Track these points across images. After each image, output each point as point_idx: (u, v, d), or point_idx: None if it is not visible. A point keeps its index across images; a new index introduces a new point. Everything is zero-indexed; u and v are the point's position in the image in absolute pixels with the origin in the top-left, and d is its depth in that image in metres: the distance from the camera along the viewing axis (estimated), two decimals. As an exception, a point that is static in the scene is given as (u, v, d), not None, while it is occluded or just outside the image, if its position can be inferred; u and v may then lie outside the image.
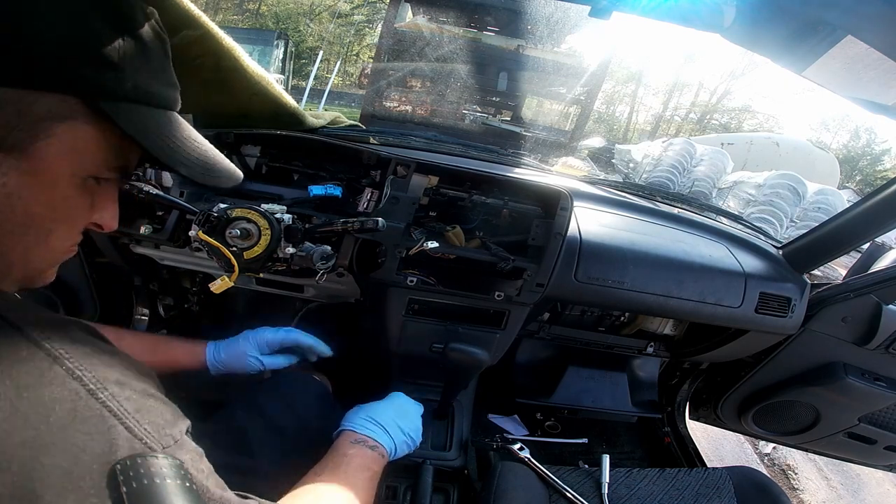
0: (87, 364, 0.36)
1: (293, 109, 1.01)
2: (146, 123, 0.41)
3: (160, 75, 0.44)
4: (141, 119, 0.41)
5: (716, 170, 6.87)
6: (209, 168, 0.47)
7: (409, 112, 6.74)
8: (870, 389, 1.15)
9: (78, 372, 0.35)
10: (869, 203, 1.00)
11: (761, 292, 1.07)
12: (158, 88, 0.43)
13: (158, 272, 1.15)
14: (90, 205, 0.43)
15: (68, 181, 0.40)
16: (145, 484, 0.31)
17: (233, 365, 0.82)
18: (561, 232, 0.95)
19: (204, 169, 0.46)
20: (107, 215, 0.46)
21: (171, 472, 0.33)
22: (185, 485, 0.34)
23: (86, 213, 0.43)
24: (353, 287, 1.01)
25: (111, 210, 0.46)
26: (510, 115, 7.48)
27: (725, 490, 0.97)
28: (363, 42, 18.30)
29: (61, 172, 0.39)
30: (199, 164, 0.46)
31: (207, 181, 0.46)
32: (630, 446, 1.47)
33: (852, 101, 0.73)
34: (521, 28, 6.16)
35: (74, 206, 0.42)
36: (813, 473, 2.24)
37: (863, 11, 0.54)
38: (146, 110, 0.42)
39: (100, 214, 0.45)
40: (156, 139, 0.42)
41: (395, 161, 0.96)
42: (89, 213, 0.44)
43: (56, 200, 0.40)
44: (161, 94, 0.43)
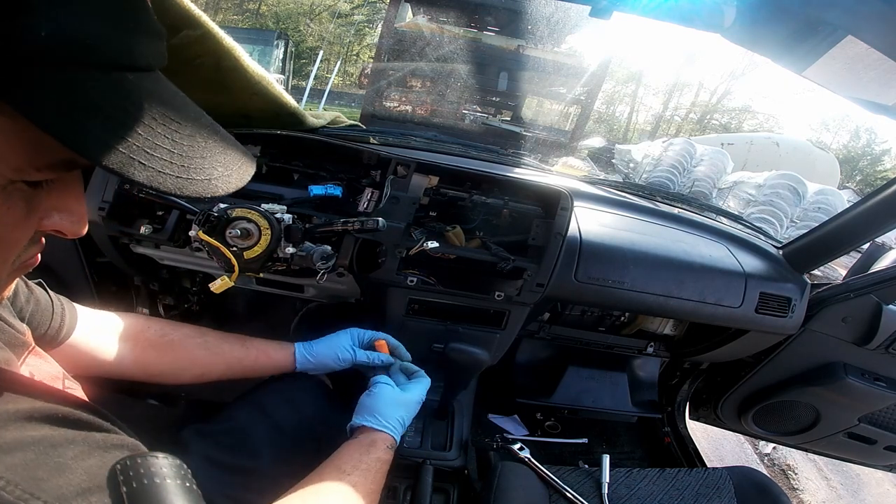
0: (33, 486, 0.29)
1: (293, 109, 1.01)
2: (74, 100, 0.25)
3: (109, 10, 0.26)
4: (61, 93, 0.24)
5: (716, 170, 6.87)
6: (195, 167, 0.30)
7: (410, 112, 6.75)
8: (870, 389, 1.15)
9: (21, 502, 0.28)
10: (869, 203, 1.00)
11: (761, 292, 1.07)
12: (103, 35, 0.25)
13: (158, 272, 1.15)
14: (24, 215, 0.31)
15: None
16: (145, 484, 0.31)
17: (326, 357, 0.83)
18: (561, 232, 0.95)
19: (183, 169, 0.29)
20: (66, 220, 0.34)
21: (171, 471, 0.33)
22: (186, 485, 0.33)
23: (21, 227, 0.31)
24: (353, 287, 1.01)
25: (73, 212, 0.34)
26: (510, 115, 7.49)
27: (725, 490, 0.97)
28: (363, 42, 18.30)
29: None
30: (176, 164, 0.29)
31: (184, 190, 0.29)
32: (630, 446, 1.47)
33: (852, 101, 0.73)
34: (521, 28, 6.16)
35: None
36: (813, 473, 2.24)
37: (863, 11, 0.54)
38: (78, 76, 0.25)
39: (54, 220, 0.33)
40: (89, 126, 0.25)
41: (396, 161, 0.96)
42: (27, 224, 0.32)
43: None
44: (110, 46, 0.26)
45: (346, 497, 0.59)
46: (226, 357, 0.76)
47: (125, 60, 0.27)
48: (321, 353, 0.82)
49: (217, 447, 0.66)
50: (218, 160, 0.32)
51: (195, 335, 0.75)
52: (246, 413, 0.73)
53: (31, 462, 0.30)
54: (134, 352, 0.70)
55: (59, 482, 0.30)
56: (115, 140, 0.26)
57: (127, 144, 0.26)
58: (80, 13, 0.24)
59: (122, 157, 0.26)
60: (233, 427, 0.71)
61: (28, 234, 0.32)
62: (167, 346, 0.73)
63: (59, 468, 0.31)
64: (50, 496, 0.29)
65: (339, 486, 0.60)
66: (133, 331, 0.72)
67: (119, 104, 0.27)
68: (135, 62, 0.28)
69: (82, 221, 0.35)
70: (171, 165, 0.29)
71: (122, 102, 0.27)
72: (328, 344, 0.84)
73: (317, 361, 0.82)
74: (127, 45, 0.27)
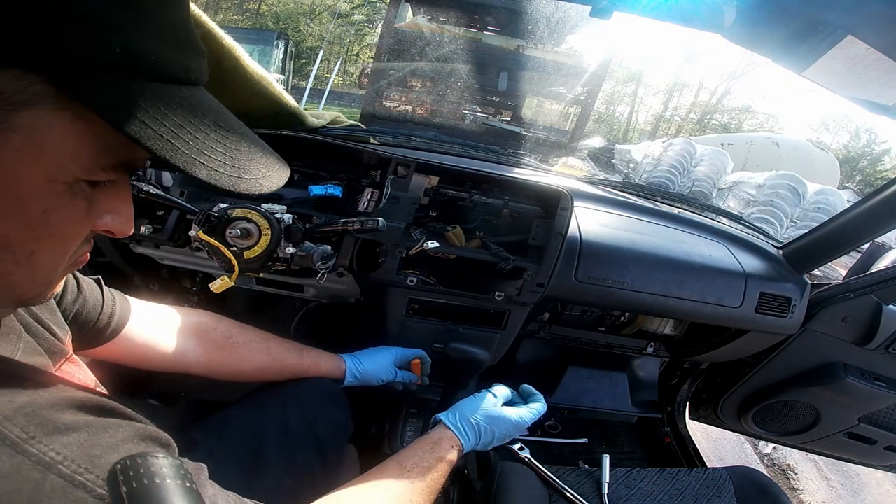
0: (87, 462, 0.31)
1: (293, 109, 1.01)
2: (143, 107, 0.28)
3: (167, 33, 0.30)
4: (133, 100, 0.28)
5: (716, 170, 6.87)
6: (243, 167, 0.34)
7: (410, 112, 6.75)
8: (870, 389, 1.15)
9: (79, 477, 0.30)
10: (869, 203, 1.00)
11: (761, 292, 1.07)
12: (164, 53, 0.29)
13: (158, 272, 1.15)
14: (85, 213, 0.33)
15: (45, 190, 0.29)
16: (145, 484, 0.31)
17: (371, 375, 0.89)
18: (561, 232, 0.95)
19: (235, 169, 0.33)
20: (117, 220, 0.36)
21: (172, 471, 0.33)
22: (186, 485, 0.33)
23: (81, 224, 0.34)
24: (353, 287, 1.01)
25: (123, 213, 0.36)
26: (510, 115, 7.48)
27: (725, 490, 0.97)
28: (363, 42, 18.31)
29: (31, 180, 0.29)
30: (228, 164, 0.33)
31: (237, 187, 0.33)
32: (630, 446, 1.47)
33: (852, 101, 0.73)
34: (521, 28, 6.16)
35: (62, 219, 0.32)
36: (813, 473, 2.24)
37: (863, 11, 0.54)
38: (143, 87, 0.29)
39: (106, 220, 0.35)
40: (159, 129, 0.29)
41: (396, 161, 0.96)
42: (87, 222, 0.34)
43: (32, 216, 0.30)
44: (168, 61, 0.30)
45: (400, 493, 0.60)
46: (283, 363, 0.80)
47: (181, 75, 0.32)
48: (368, 372, 0.88)
49: (221, 443, 0.66)
50: (261, 162, 0.36)
51: (260, 340, 0.79)
52: (251, 412, 0.73)
53: (86, 441, 0.32)
54: (198, 349, 0.73)
55: (110, 460, 0.31)
56: (180, 142, 0.30)
57: (189, 147, 0.30)
58: (146, 34, 0.28)
59: (187, 158, 0.30)
60: (237, 424, 0.71)
61: (85, 232, 0.35)
62: (232, 347, 0.76)
63: (112, 447, 0.33)
64: (103, 472, 0.31)
65: (395, 482, 0.62)
66: (199, 329, 0.75)
67: (180, 112, 0.31)
68: (189, 77, 0.32)
69: (130, 222, 0.37)
70: (224, 166, 0.32)
71: (182, 111, 0.31)
72: (374, 362, 0.89)
73: (362, 379, 0.88)
74: (182, 63, 0.32)
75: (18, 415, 0.30)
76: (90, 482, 0.30)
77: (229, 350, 0.76)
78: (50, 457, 0.29)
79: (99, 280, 0.63)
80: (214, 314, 0.80)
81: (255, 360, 0.77)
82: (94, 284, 0.62)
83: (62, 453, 0.30)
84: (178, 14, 0.31)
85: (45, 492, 0.28)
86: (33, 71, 0.25)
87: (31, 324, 0.44)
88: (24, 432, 0.29)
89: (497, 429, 0.76)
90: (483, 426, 0.75)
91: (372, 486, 0.60)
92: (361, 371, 0.88)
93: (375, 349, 0.93)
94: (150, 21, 0.28)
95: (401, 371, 0.93)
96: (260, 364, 0.78)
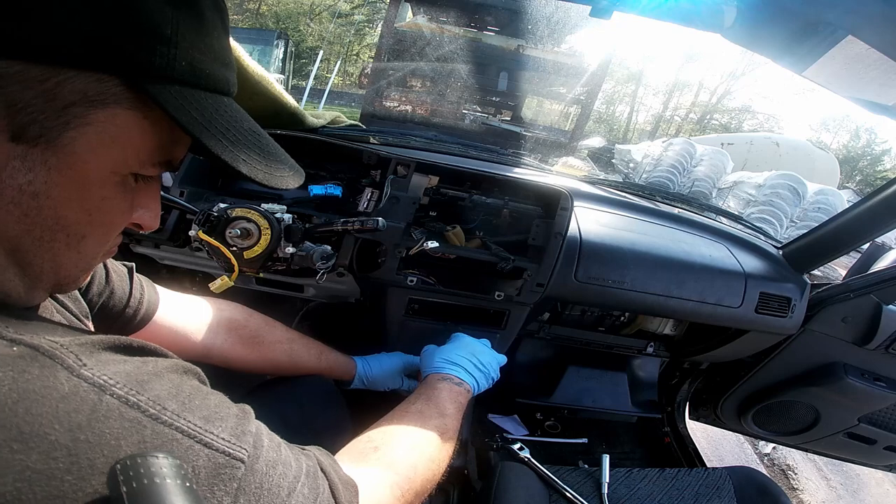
0: (137, 386, 0.32)
1: (293, 109, 1.01)
2: (202, 111, 0.34)
3: (217, 53, 0.36)
4: (195, 106, 0.34)
5: (716, 170, 6.87)
6: (273, 165, 0.40)
7: (409, 112, 6.74)
8: (870, 389, 1.15)
9: (132, 398, 0.31)
10: (869, 203, 1.00)
11: (761, 292, 1.07)
12: (215, 69, 0.36)
13: (158, 272, 1.14)
14: (130, 205, 0.37)
15: (106, 179, 0.34)
16: (145, 484, 0.31)
17: (379, 381, 0.91)
18: (561, 232, 0.95)
19: (267, 167, 0.39)
20: (148, 215, 0.40)
21: (171, 471, 0.33)
22: (186, 484, 0.33)
23: (125, 215, 0.38)
24: (353, 287, 1.01)
25: (154, 209, 0.41)
26: (510, 115, 7.48)
27: (725, 490, 0.97)
28: (363, 42, 18.30)
29: (97, 168, 0.33)
30: (262, 162, 0.39)
31: (271, 182, 0.39)
32: (630, 446, 1.47)
33: (853, 101, 0.73)
34: (521, 28, 6.16)
35: (113, 207, 0.36)
36: (813, 473, 2.24)
37: (864, 11, 0.54)
38: (200, 95, 0.35)
39: (140, 213, 0.39)
40: (213, 131, 0.35)
41: (396, 161, 0.96)
42: (129, 213, 0.38)
43: (91, 202, 0.34)
44: (217, 76, 0.36)
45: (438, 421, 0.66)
46: (300, 364, 0.82)
47: (225, 88, 0.38)
48: (376, 378, 0.91)
49: None
50: (284, 161, 0.43)
51: (284, 341, 0.82)
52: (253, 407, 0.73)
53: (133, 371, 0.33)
54: (225, 343, 0.76)
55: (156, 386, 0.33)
56: (228, 142, 0.36)
57: (234, 146, 0.37)
58: (206, 54, 0.35)
59: (233, 155, 0.36)
60: None
61: (125, 223, 0.39)
62: (257, 345, 0.79)
63: (156, 374, 0.35)
64: (152, 395, 0.32)
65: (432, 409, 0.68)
66: (230, 324, 0.77)
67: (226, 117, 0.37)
68: (229, 90, 0.39)
69: (157, 217, 0.42)
70: (259, 163, 0.38)
71: (227, 116, 0.37)
72: (383, 370, 0.92)
73: (369, 385, 0.91)
74: (226, 78, 0.38)
75: (73, 344, 0.31)
76: (143, 403, 0.31)
77: (253, 347, 0.78)
78: (104, 380, 0.30)
79: (132, 268, 0.64)
80: (246, 308, 0.82)
81: (275, 359, 0.80)
82: (124, 273, 0.62)
83: (114, 378, 0.31)
84: (224, 39, 0.38)
85: (102, 411, 0.29)
86: (118, 76, 0.31)
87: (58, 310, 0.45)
88: (78, 360, 0.30)
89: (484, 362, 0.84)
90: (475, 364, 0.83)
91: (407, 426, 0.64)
92: (370, 377, 0.90)
93: (386, 355, 0.95)
94: (208, 44, 0.35)
95: (408, 379, 0.94)
96: (279, 363, 0.80)
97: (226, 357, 0.76)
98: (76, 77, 0.29)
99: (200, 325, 0.73)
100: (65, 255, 0.35)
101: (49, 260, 0.34)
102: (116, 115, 0.31)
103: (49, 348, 0.30)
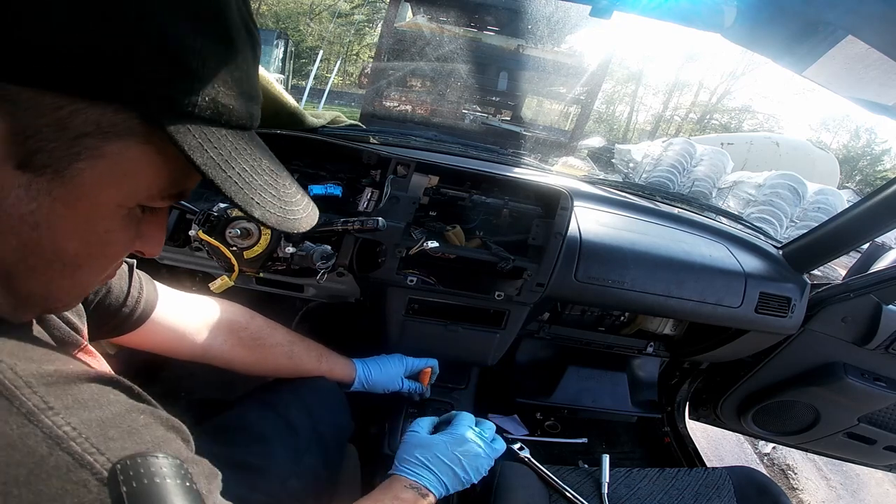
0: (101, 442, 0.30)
1: (293, 109, 1.01)
2: (220, 151, 0.32)
3: (244, 87, 0.34)
4: (214, 145, 0.32)
5: (716, 170, 6.87)
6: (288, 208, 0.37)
7: (409, 112, 6.74)
8: (870, 389, 1.15)
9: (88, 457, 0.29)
10: (869, 203, 1.00)
11: (761, 292, 1.07)
12: (239, 104, 0.33)
13: (158, 272, 1.14)
14: (134, 236, 0.36)
15: (113, 213, 0.32)
16: (145, 483, 0.31)
17: (378, 384, 0.91)
18: (561, 232, 0.95)
19: (282, 209, 0.36)
20: (151, 243, 0.38)
21: (172, 471, 0.33)
22: (186, 484, 0.33)
23: (129, 246, 0.36)
24: (353, 287, 1.01)
25: (158, 238, 0.39)
26: (510, 115, 7.48)
27: (725, 490, 0.97)
28: (363, 42, 18.30)
29: (104, 202, 0.31)
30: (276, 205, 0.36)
31: (282, 226, 0.36)
32: (630, 446, 1.47)
33: (853, 101, 0.73)
34: (521, 28, 6.15)
35: (116, 240, 0.34)
36: (812, 473, 2.24)
37: (864, 11, 0.54)
38: (221, 133, 0.32)
39: (142, 242, 0.38)
40: (230, 172, 0.33)
41: (396, 160, 0.96)
42: (132, 244, 0.36)
43: (94, 235, 0.32)
44: (240, 112, 0.34)
45: None
46: (300, 367, 0.82)
47: (247, 123, 0.35)
48: (375, 382, 0.90)
49: (226, 444, 0.66)
50: (299, 202, 0.40)
51: (285, 344, 0.81)
52: (258, 411, 0.73)
53: (106, 421, 0.32)
54: (225, 344, 0.75)
55: (126, 444, 0.32)
56: (243, 184, 0.34)
57: (249, 188, 0.34)
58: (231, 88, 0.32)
59: (246, 198, 0.34)
60: (244, 424, 0.71)
61: (126, 253, 0.37)
62: (257, 348, 0.78)
63: (130, 432, 0.33)
64: (114, 456, 0.30)
65: None
66: (231, 325, 0.76)
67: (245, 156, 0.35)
68: (252, 124, 0.36)
69: (160, 245, 0.40)
70: (273, 206, 0.36)
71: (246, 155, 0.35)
72: (383, 373, 0.91)
73: (370, 387, 0.90)
74: (250, 112, 0.35)
75: (40, 384, 0.29)
76: (99, 464, 0.29)
77: (254, 350, 0.77)
78: (64, 430, 0.28)
79: (132, 265, 0.63)
80: (249, 310, 0.81)
81: (276, 362, 0.79)
82: (123, 270, 0.61)
83: (78, 429, 0.29)
84: (254, 71, 0.35)
85: (47, 468, 0.27)
86: (133, 109, 0.29)
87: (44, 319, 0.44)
88: (42, 402, 0.28)
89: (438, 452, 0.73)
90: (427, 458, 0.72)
91: None
92: (370, 381, 0.90)
93: (387, 357, 0.94)
94: (236, 78, 0.32)
95: (408, 381, 0.94)
96: (279, 366, 0.80)
97: (226, 358, 0.75)
98: (91, 108, 0.27)
99: (200, 326, 0.72)
100: (58, 283, 0.34)
101: (41, 287, 0.33)
102: (129, 148, 0.30)
103: (9, 384, 0.27)
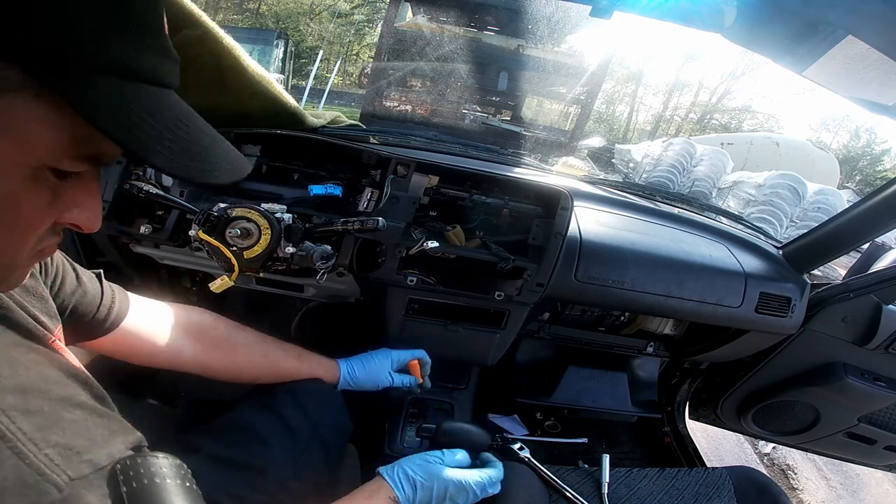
0: None
1: (293, 109, 1.01)
2: (108, 98, 0.30)
3: (144, 39, 0.32)
4: (102, 93, 0.30)
5: (716, 170, 6.87)
6: (204, 161, 0.36)
7: (409, 112, 6.74)
8: (870, 389, 1.15)
9: None
10: (869, 203, 1.00)
11: (761, 292, 1.07)
12: (138, 56, 0.32)
13: (158, 272, 1.15)
14: (49, 203, 0.34)
15: (10, 172, 0.31)
16: (145, 483, 0.31)
17: (365, 381, 0.88)
18: (561, 232, 0.95)
19: (193, 162, 0.35)
20: (83, 215, 0.37)
21: (171, 471, 0.33)
22: (186, 485, 0.33)
23: (45, 212, 0.35)
24: (353, 287, 1.01)
25: (90, 208, 0.37)
26: (510, 115, 7.48)
27: (725, 490, 0.97)
28: (363, 42, 18.29)
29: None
30: (185, 156, 0.34)
31: (193, 175, 0.35)
32: (630, 446, 1.47)
33: (853, 101, 0.73)
34: (521, 28, 6.15)
35: (23, 205, 0.33)
36: (812, 473, 2.24)
37: (864, 11, 0.54)
38: (114, 82, 0.31)
39: (73, 213, 0.36)
40: (118, 118, 0.31)
41: (396, 160, 0.96)
42: (50, 212, 0.35)
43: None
44: (142, 65, 0.32)
45: None
46: (281, 368, 0.80)
47: (152, 77, 0.33)
48: (363, 378, 0.88)
49: (225, 445, 0.66)
50: (220, 157, 0.38)
51: (258, 343, 0.79)
52: (256, 412, 0.73)
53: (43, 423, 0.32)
54: (196, 348, 0.73)
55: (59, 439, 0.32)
56: (141, 133, 0.31)
57: (149, 137, 0.32)
58: (123, 37, 0.30)
59: (145, 146, 0.31)
60: (243, 425, 0.70)
61: (48, 223, 0.35)
62: (231, 348, 0.76)
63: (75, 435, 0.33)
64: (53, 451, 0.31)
65: None
66: (198, 327, 0.75)
67: (146, 108, 0.33)
68: (160, 80, 0.34)
69: (97, 217, 0.38)
70: (180, 156, 0.34)
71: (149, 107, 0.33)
72: (369, 368, 0.89)
73: (357, 385, 0.88)
74: (153, 66, 0.33)
75: None
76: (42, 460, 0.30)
77: (227, 350, 0.76)
78: None
79: (100, 274, 0.64)
80: (213, 314, 0.80)
81: (251, 362, 0.78)
82: (93, 277, 0.62)
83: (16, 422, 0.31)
84: (153, 22, 0.33)
85: None
86: (17, 62, 0.27)
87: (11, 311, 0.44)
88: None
89: (436, 486, 0.70)
90: (420, 482, 0.70)
91: None
92: (356, 379, 0.87)
93: (373, 353, 0.92)
94: (126, 26, 0.31)
95: (398, 375, 0.91)
96: (256, 366, 0.78)
97: (200, 363, 0.74)
98: None
99: (169, 331, 0.71)
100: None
101: None
102: (14, 104, 0.29)
103: None
